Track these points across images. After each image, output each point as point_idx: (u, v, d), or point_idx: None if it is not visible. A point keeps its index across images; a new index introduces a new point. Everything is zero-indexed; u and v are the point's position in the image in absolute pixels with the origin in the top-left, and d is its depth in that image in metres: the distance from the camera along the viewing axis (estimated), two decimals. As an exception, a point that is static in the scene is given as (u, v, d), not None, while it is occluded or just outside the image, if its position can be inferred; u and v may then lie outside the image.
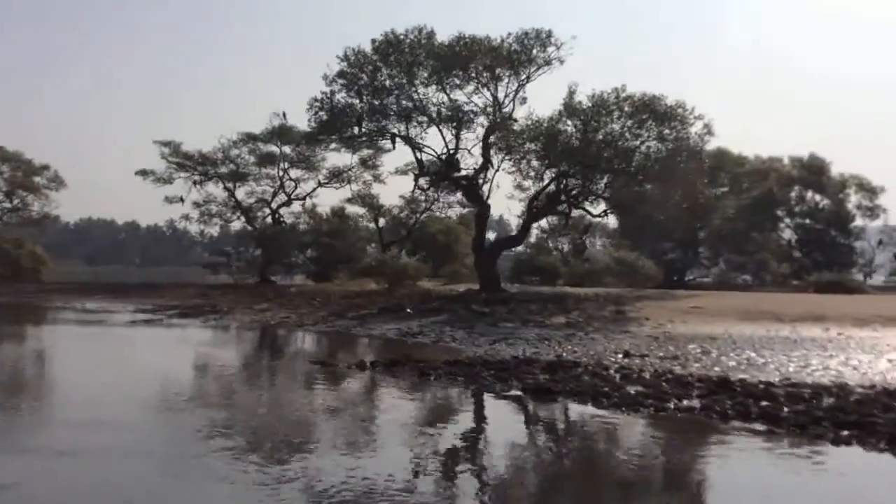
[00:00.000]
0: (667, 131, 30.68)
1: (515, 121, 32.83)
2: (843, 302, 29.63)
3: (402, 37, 32.65)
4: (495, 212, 58.00)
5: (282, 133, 59.50)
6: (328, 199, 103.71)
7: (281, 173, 60.71)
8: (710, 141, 30.78)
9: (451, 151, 35.44)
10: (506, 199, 57.62)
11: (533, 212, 35.09)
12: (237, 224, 66.59)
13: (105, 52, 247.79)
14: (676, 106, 30.76)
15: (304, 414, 13.22)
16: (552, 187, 34.64)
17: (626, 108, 31.16)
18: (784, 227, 51.35)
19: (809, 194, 49.14)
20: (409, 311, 30.03)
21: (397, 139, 36.04)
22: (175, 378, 16.99)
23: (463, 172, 35.63)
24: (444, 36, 33.85)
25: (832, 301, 29.84)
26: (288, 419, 12.51)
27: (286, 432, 11.32)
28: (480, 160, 34.78)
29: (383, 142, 37.56)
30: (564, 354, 18.96)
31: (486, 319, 27.19)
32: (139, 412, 12.68)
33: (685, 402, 12.35)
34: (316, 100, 34.58)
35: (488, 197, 35.24)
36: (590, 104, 31.94)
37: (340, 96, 34.55)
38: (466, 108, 34.16)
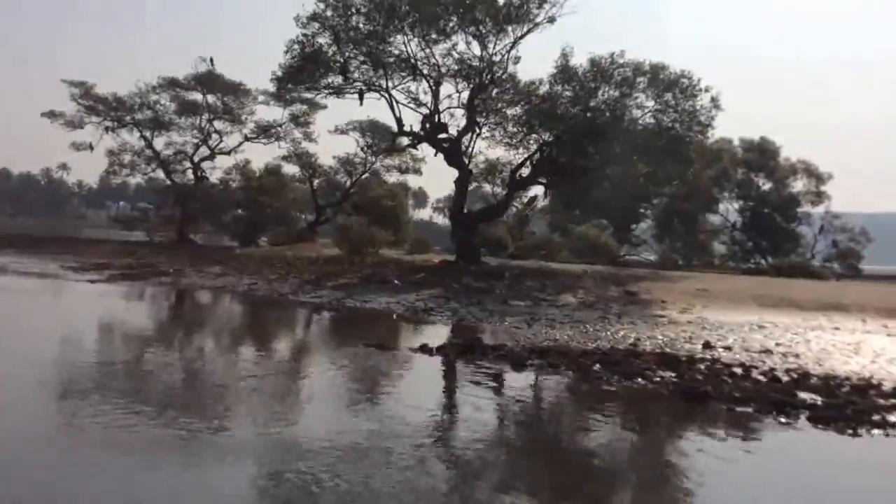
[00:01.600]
0: (672, 101, 29.09)
1: (516, 81, 30.36)
2: (836, 290, 29.28)
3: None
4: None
5: (208, 80, 54.94)
6: (254, 155, 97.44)
7: (205, 124, 56.15)
8: (718, 115, 29.27)
9: (432, 110, 32.77)
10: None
11: (516, 181, 32.93)
12: (153, 177, 61.92)
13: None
14: (681, 75, 29.23)
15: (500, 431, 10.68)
16: (537, 156, 32.64)
17: (629, 74, 29.39)
18: (729, 210, 51.51)
19: (757, 178, 49.32)
20: (396, 282, 27.49)
21: (379, 93, 32.78)
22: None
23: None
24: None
25: (825, 288, 29.45)
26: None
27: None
28: (463, 121, 32.24)
29: (351, 95, 33.97)
30: (630, 342, 17.08)
31: (490, 296, 25.05)
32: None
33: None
34: (296, 41, 31.03)
35: (470, 161, 32.87)
36: (587, 68, 30.03)
37: (322, 40, 31.11)
38: (455, 64, 31.35)
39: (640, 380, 12.53)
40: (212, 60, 55.04)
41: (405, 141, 33.18)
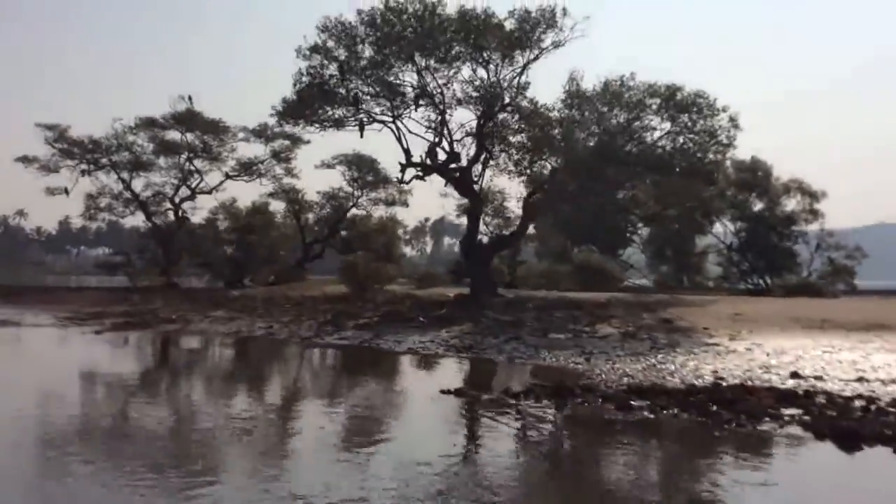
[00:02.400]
0: (689, 122, 28.59)
1: (524, 107, 29.59)
2: (865, 307, 28.74)
3: (403, 4, 28.55)
4: (437, 213, 54.52)
5: (188, 118, 53.44)
6: (236, 193, 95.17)
7: (185, 164, 54.51)
8: (737, 135, 28.78)
9: (438, 140, 31.84)
10: (440, 197, 53.92)
11: (530, 208, 32.04)
12: (139, 220, 59.95)
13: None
14: (697, 95, 28.75)
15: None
16: (547, 185, 31.86)
17: (642, 97, 28.86)
18: (723, 231, 51.21)
19: (751, 197, 49.15)
20: (421, 319, 26.32)
21: (384, 124, 31.77)
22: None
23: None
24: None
25: (854, 307, 28.90)
26: None
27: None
28: (472, 150, 31.36)
29: (351, 127, 32.86)
30: (712, 376, 16.14)
31: (523, 330, 23.99)
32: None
33: None
34: (304, 73, 29.94)
35: (480, 191, 31.95)
36: (598, 91, 29.45)
37: (330, 71, 30.06)
38: (463, 91, 30.54)
39: (767, 419, 11.54)
40: (191, 98, 53.59)
41: (412, 172, 32.03)
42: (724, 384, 14.14)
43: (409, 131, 31.56)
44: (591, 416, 12.25)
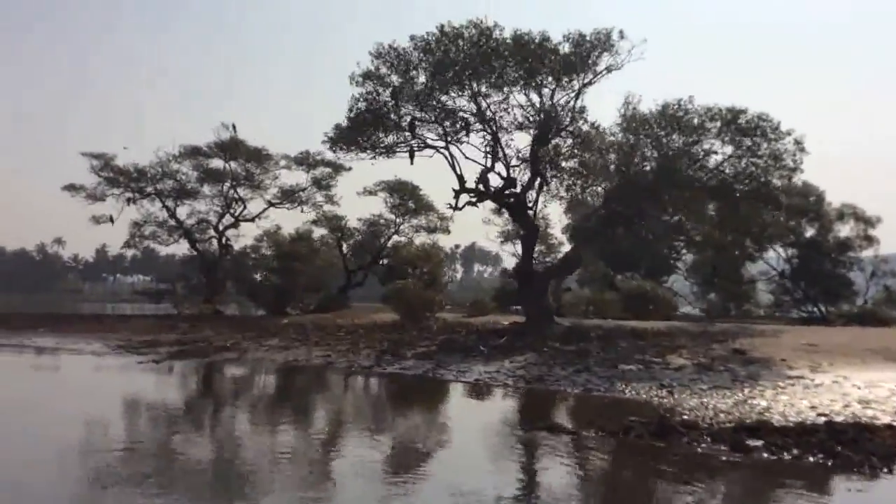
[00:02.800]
0: (752, 146, 27.88)
1: (595, 129, 29.12)
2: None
3: (458, 30, 28.31)
4: (467, 239, 54.00)
5: (231, 147, 53.72)
6: (277, 220, 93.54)
7: (228, 191, 54.73)
8: (804, 160, 27.96)
9: (490, 166, 31.41)
10: (483, 224, 53.35)
11: (586, 233, 31.38)
12: (175, 247, 60.35)
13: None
14: (760, 118, 28.03)
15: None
16: (603, 210, 31.21)
17: (705, 122, 28.22)
18: (775, 257, 50.01)
19: (803, 223, 48.00)
20: (482, 349, 25.71)
21: (437, 150, 31.48)
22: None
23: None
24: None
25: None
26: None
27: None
28: (526, 175, 30.88)
29: (401, 153, 32.56)
30: (804, 412, 15.33)
31: (590, 360, 23.27)
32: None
33: None
34: (360, 99, 29.76)
35: (535, 218, 31.38)
36: (657, 114, 28.87)
37: (383, 97, 29.87)
38: (517, 115, 30.14)
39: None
40: (234, 127, 54.02)
41: (465, 198, 31.59)
42: (838, 422, 13.30)
43: (465, 156, 31.24)
44: (705, 457, 11.53)
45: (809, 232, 49.06)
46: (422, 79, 29.76)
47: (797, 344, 24.88)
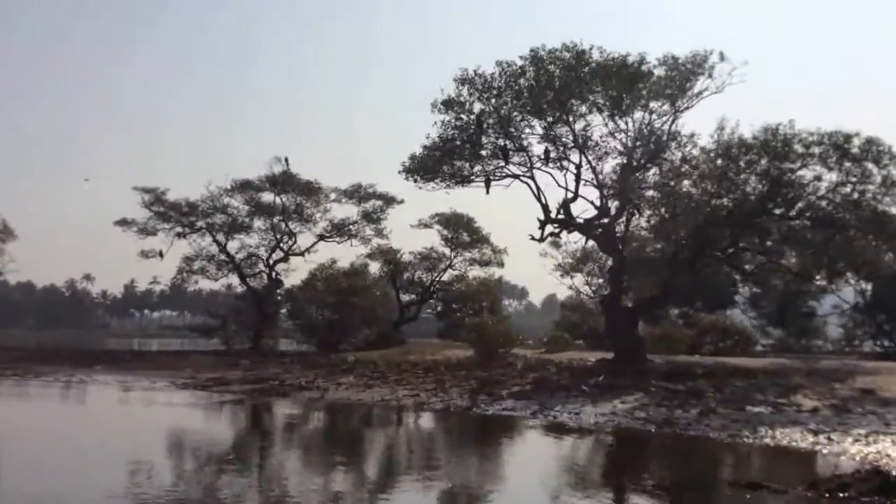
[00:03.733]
0: (862, 172, 26.35)
1: (684, 159, 27.74)
2: None
3: (553, 54, 27.15)
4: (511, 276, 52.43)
5: (284, 180, 52.82)
6: (327, 254, 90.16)
7: (282, 225, 53.72)
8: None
9: (574, 196, 30.05)
10: (540, 256, 51.96)
11: (678, 264, 29.79)
12: (223, 281, 59.30)
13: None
14: (870, 142, 26.48)
15: None
16: (691, 240, 29.66)
17: (812, 148, 26.72)
18: (847, 288, 47.89)
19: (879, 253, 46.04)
20: (584, 388, 24.10)
21: (519, 178, 30.23)
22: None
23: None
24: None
25: None
26: None
27: None
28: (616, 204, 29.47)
29: (477, 182, 31.30)
30: None
31: (707, 401, 21.57)
32: None
33: None
34: (449, 126, 28.63)
35: (624, 247, 29.87)
36: (760, 139, 27.39)
37: (464, 123, 28.75)
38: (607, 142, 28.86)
39: None
40: (287, 160, 53.11)
41: (550, 228, 30.18)
42: None
43: (558, 184, 29.90)
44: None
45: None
46: (507, 105, 28.54)
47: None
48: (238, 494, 11.95)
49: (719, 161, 28.37)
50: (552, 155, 28.92)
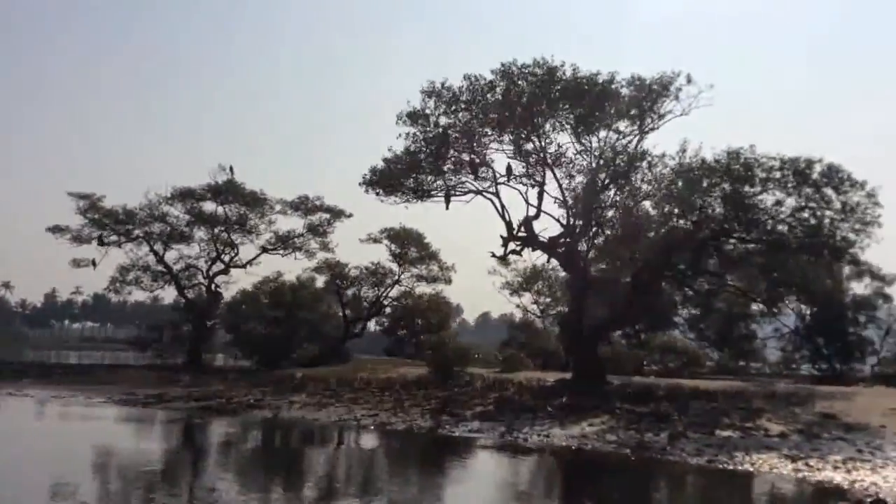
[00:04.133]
0: (816, 196, 26.73)
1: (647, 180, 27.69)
2: None
3: (524, 70, 26.82)
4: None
5: (228, 190, 51.16)
6: (270, 267, 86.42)
7: (224, 236, 51.97)
8: (881, 214, 26.72)
9: (536, 214, 29.73)
10: (488, 274, 51.57)
11: (639, 285, 29.67)
12: (158, 293, 56.97)
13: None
14: (830, 168, 26.83)
15: None
16: (652, 261, 29.62)
17: (775, 174, 27.00)
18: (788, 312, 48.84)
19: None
20: (549, 409, 23.60)
21: (482, 194, 29.77)
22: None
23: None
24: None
25: None
26: None
27: None
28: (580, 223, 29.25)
29: (437, 198, 30.73)
30: None
31: (676, 424, 21.29)
32: None
33: None
34: (415, 138, 27.94)
35: (586, 266, 29.58)
36: (724, 162, 27.54)
37: (429, 136, 28.14)
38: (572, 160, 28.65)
39: None
40: (232, 169, 51.50)
41: (511, 246, 29.73)
42: None
43: (527, 201, 29.47)
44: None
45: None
46: (474, 119, 28.06)
47: (881, 407, 23.34)
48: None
49: (680, 183, 28.37)
50: (515, 172, 28.51)
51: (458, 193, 30.76)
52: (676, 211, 28.38)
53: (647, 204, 28.56)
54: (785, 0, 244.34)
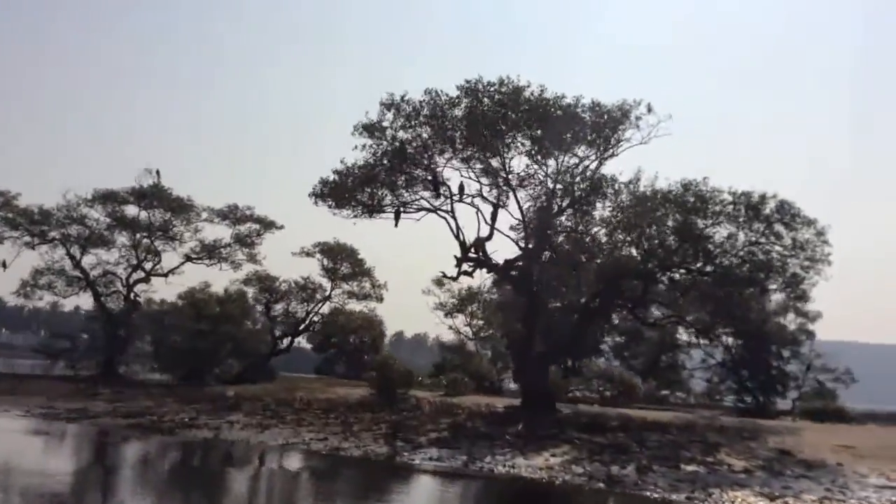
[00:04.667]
0: (765, 231, 27.21)
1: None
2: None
3: (486, 87, 26.31)
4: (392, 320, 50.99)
5: (153, 194, 48.75)
6: (194, 277, 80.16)
7: (147, 242, 49.44)
8: (831, 252, 27.26)
9: (489, 235, 29.19)
10: (422, 293, 50.76)
11: (589, 312, 29.42)
12: (74, 300, 53.74)
13: None
14: (782, 203, 27.31)
15: None
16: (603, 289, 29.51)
17: (727, 207, 27.31)
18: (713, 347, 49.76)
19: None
20: (507, 438, 22.89)
21: (436, 212, 29.01)
22: None
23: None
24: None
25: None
26: None
27: None
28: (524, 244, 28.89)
29: (387, 215, 29.88)
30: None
31: (640, 457, 20.96)
32: None
33: None
34: (372, 151, 26.96)
35: (537, 289, 29.08)
36: (675, 192, 27.76)
37: (384, 149, 27.29)
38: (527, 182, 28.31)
39: None
40: (158, 173, 49.20)
41: (464, 267, 29.03)
42: None
43: (485, 221, 28.79)
44: None
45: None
46: (433, 135, 27.37)
47: (829, 444, 23.62)
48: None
49: (635, 211, 28.34)
50: (468, 191, 27.98)
51: (410, 210, 29.93)
52: (628, 239, 28.29)
53: (599, 231, 28.27)
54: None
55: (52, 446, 20.90)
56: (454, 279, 29.57)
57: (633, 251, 28.88)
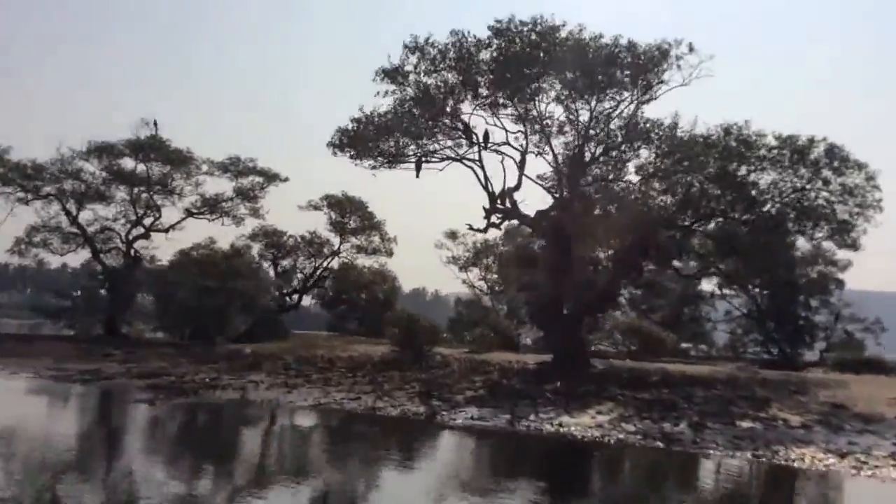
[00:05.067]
0: (811, 175, 25.86)
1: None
2: None
3: (525, 27, 24.61)
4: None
5: (151, 146, 46.83)
6: (196, 232, 74.47)
7: (146, 196, 47.64)
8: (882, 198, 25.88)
9: (517, 184, 27.78)
10: (435, 248, 49.43)
11: (621, 264, 28.16)
12: (74, 257, 52.01)
13: None
14: (832, 146, 25.85)
15: None
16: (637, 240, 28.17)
17: (771, 153, 25.88)
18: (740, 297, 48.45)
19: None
20: (548, 395, 21.79)
21: (462, 162, 27.54)
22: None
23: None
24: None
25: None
26: None
27: None
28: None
29: (407, 164, 28.38)
30: None
31: (691, 413, 19.91)
32: None
33: None
34: (397, 98, 25.42)
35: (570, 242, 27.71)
36: (721, 138, 26.27)
37: (409, 95, 25.69)
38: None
39: None
40: (156, 123, 47.29)
41: (493, 219, 27.66)
42: None
43: (518, 166, 27.29)
44: None
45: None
46: (452, 80, 25.73)
47: (882, 397, 22.65)
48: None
49: (676, 156, 26.91)
50: (493, 139, 26.51)
51: (433, 160, 28.43)
52: (664, 187, 26.94)
53: (633, 179, 26.92)
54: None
55: (87, 410, 19.75)
56: (483, 231, 28.08)
57: (670, 199, 27.44)
